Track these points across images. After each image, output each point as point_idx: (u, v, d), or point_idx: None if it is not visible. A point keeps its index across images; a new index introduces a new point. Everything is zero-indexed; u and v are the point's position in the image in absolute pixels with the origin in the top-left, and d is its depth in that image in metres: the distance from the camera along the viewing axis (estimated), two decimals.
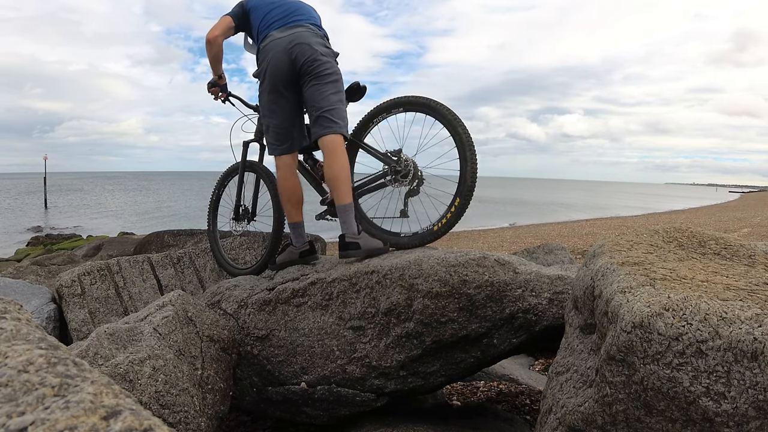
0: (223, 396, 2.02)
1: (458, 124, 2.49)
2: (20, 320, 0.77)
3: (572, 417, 1.41)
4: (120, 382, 1.62)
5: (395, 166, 2.55)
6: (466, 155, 2.45)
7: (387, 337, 2.07)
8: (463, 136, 2.47)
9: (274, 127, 2.67)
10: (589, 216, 27.16)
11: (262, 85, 2.65)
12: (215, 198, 3.36)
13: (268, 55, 2.58)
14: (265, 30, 2.65)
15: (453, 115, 2.51)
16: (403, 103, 2.65)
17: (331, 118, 2.53)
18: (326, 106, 2.54)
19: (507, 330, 2.06)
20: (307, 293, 2.30)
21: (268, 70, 2.59)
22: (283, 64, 2.55)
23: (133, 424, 0.50)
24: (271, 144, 2.71)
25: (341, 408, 2.15)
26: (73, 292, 2.94)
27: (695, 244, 1.73)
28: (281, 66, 2.56)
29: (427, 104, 2.57)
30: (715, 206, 36.84)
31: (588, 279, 1.59)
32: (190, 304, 2.14)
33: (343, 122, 2.59)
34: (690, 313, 1.18)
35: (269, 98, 2.64)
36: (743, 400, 1.08)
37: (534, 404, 2.75)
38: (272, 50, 2.57)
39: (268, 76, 2.60)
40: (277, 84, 2.59)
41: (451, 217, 2.49)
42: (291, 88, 2.61)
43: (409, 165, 2.54)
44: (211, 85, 3.04)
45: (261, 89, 2.68)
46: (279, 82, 2.59)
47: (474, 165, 2.46)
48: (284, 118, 2.66)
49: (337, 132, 2.53)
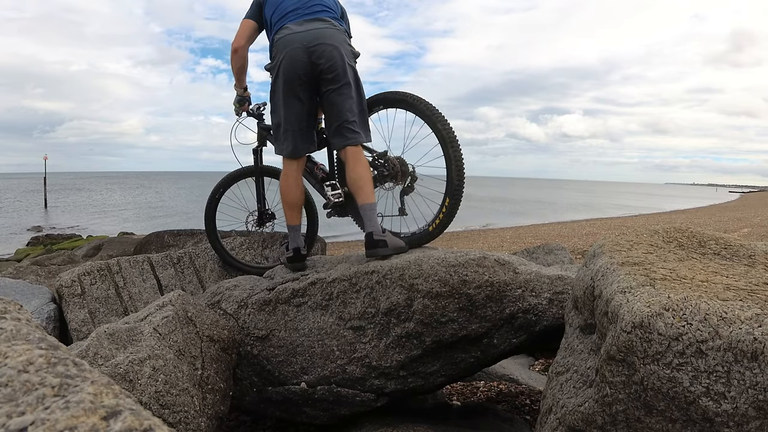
0: (223, 396, 2.02)
1: (438, 120, 2.41)
2: (20, 320, 0.77)
3: (572, 417, 1.41)
4: (120, 382, 1.62)
5: (383, 171, 2.54)
6: (449, 153, 2.40)
7: (387, 337, 2.07)
8: (444, 133, 2.40)
9: (282, 127, 2.54)
10: (589, 216, 27.16)
11: (275, 81, 2.49)
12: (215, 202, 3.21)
13: (284, 50, 2.41)
14: (279, 21, 2.48)
15: (432, 111, 2.44)
16: (381, 101, 2.63)
17: (354, 129, 2.47)
18: (350, 117, 2.46)
19: (507, 330, 2.06)
20: (307, 293, 2.30)
21: (283, 67, 2.42)
22: (301, 65, 2.40)
23: (133, 424, 0.50)
24: (278, 143, 2.61)
25: (341, 408, 2.15)
26: (73, 292, 2.94)
27: (695, 244, 1.73)
28: (298, 66, 2.40)
29: (404, 100, 2.53)
30: (715, 206, 36.84)
31: (588, 279, 1.59)
32: (190, 304, 2.14)
33: (365, 130, 2.53)
34: (690, 313, 1.18)
35: (280, 97, 2.49)
36: (743, 400, 1.08)
37: (534, 404, 2.75)
38: (289, 46, 2.40)
39: (282, 74, 2.44)
40: (292, 84, 2.44)
41: (443, 217, 2.48)
42: (306, 90, 2.47)
43: (396, 166, 2.52)
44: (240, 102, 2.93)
45: (273, 86, 2.52)
46: (295, 82, 2.43)
47: (459, 163, 2.41)
48: (293, 120, 2.52)
49: (359, 142, 2.49)
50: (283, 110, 2.51)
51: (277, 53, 2.46)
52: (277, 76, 2.47)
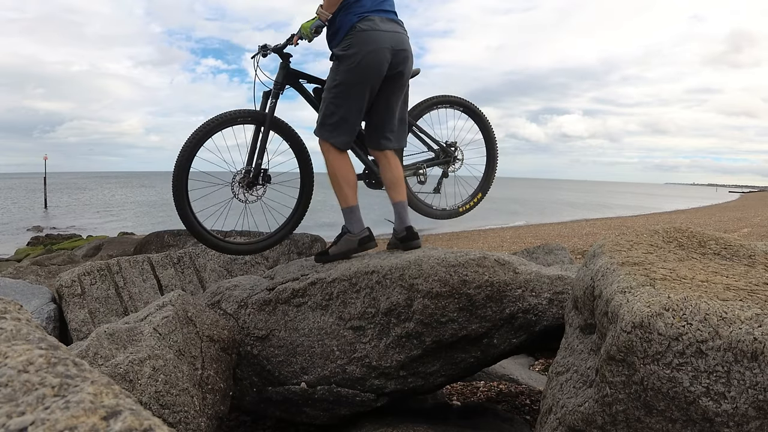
0: (223, 396, 2.02)
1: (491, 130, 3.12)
2: (20, 320, 0.77)
3: (572, 417, 1.41)
4: (120, 382, 1.62)
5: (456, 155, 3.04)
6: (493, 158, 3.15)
7: (387, 337, 2.07)
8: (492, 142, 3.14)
9: (343, 117, 2.46)
10: (589, 216, 27.15)
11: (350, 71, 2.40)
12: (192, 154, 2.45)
13: (372, 46, 2.38)
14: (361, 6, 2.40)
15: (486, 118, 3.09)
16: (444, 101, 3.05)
17: (393, 137, 2.59)
18: (395, 125, 2.58)
19: (507, 330, 2.06)
20: (307, 293, 2.30)
21: (367, 62, 2.38)
22: (385, 67, 2.42)
23: (133, 424, 0.50)
24: (330, 129, 2.48)
25: (341, 408, 2.15)
26: (73, 292, 2.94)
27: (695, 244, 1.73)
28: (383, 67, 2.42)
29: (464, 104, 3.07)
30: (715, 206, 36.84)
31: (588, 279, 1.59)
32: (190, 304, 2.14)
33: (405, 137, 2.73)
34: (690, 313, 1.18)
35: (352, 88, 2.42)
36: (743, 400, 1.08)
37: (534, 404, 2.75)
38: (377, 43, 2.38)
39: (363, 68, 2.39)
40: (371, 81, 2.42)
41: (473, 204, 3.14)
42: (376, 89, 2.48)
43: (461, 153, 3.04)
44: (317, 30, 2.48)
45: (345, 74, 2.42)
46: (374, 80, 2.43)
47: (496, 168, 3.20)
48: (356, 114, 2.49)
49: (396, 147, 2.64)
50: (352, 102, 2.46)
51: (360, 45, 2.39)
52: (355, 66, 2.41)
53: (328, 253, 2.54)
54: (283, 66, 2.63)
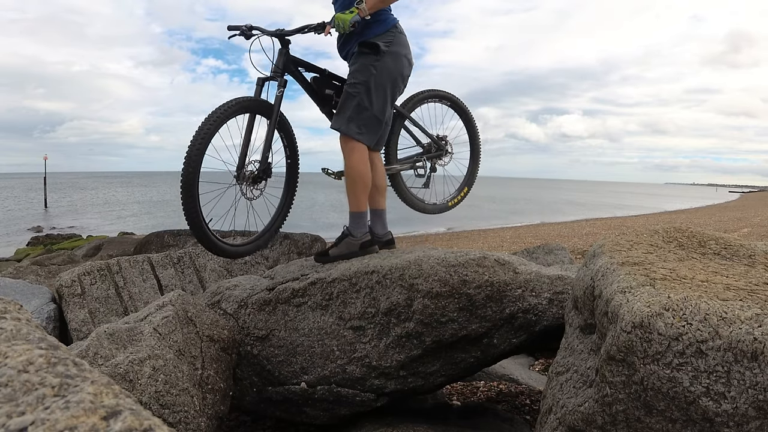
0: (223, 396, 2.02)
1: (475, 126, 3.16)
2: (20, 320, 0.77)
3: (572, 417, 1.41)
4: (120, 382, 1.62)
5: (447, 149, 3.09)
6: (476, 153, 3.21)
7: (387, 337, 2.07)
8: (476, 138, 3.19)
9: (376, 115, 2.41)
10: (589, 216, 27.15)
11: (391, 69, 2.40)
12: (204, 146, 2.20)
13: (406, 49, 2.49)
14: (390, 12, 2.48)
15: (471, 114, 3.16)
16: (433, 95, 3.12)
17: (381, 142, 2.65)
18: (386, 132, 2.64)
19: (507, 330, 2.06)
20: (307, 293, 2.30)
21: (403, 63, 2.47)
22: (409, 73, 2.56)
23: (133, 424, 0.50)
24: (359, 125, 2.39)
25: (341, 408, 2.15)
26: (73, 292, 2.94)
27: (695, 244, 1.73)
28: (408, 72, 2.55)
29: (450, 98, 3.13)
30: (715, 206, 36.84)
31: (588, 279, 1.59)
32: (190, 304, 2.14)
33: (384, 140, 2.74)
34: (690, 313, 1.18)
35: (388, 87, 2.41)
36: (743, 400, 1.08)
37: (534, 404, 2.75)
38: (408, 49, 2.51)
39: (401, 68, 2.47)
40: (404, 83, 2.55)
41: (459, 199, 3.22)
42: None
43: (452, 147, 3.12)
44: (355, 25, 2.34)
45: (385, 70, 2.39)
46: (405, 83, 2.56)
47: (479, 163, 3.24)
48: (387, 114, 2.50)
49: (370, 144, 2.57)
50: (387, 101, 2.45)
51: (400, 46, 2.46)
52: (398, 64, 2.44)
53: (328, 254, 2.52)
54: (283, 52, 2.45)
